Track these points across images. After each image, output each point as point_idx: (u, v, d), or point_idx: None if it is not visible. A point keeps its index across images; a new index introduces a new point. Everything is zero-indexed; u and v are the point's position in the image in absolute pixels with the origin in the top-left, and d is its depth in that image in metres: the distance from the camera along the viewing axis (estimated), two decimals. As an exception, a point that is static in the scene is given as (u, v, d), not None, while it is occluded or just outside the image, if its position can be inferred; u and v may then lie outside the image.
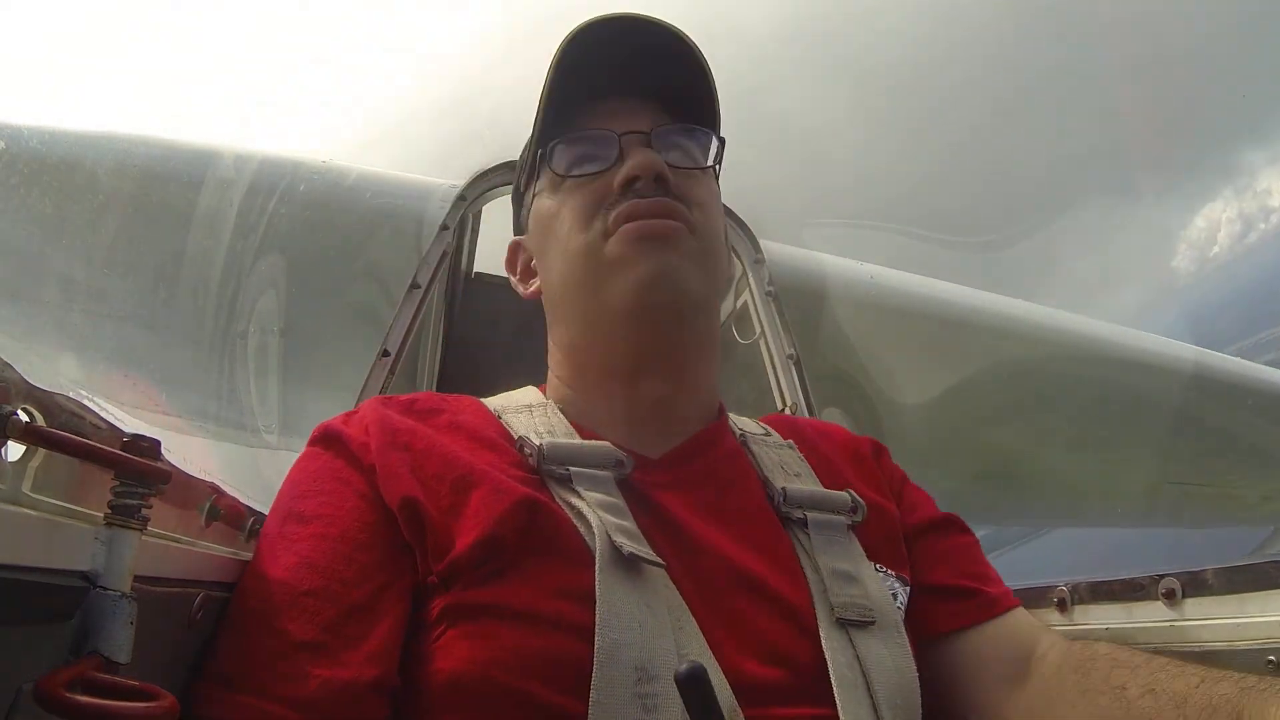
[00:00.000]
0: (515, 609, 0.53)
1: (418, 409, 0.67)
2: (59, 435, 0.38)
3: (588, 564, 0.55)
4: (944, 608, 0.68)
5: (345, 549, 0.56)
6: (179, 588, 0.49)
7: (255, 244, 1.82)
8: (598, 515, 0.57)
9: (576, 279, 0.69)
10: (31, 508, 0.38)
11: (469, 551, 0.54)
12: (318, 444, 0.64)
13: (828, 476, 0.72)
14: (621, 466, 0.63)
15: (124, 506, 0.41)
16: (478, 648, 0.52)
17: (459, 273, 2.14)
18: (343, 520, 0.57)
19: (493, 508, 0.56)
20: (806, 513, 0.65)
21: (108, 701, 0.35)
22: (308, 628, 0.52)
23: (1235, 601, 0.70)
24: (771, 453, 0.73)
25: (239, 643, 0.52)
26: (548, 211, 0.72)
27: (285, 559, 0.55)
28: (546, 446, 0.62)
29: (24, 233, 1.81)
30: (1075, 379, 2.28)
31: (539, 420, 0.69)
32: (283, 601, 0.53)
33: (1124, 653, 0.59)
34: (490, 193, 1.83)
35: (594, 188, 0.68)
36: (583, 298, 0.69)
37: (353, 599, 0.54)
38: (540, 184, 0.74)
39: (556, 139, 0.71)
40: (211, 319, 1.82)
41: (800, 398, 1.50)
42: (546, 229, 0.72)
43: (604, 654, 0.50)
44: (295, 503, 0.59)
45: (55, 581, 0.37)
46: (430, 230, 1.72)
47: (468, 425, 0.66)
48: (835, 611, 0.59)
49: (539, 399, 0.73)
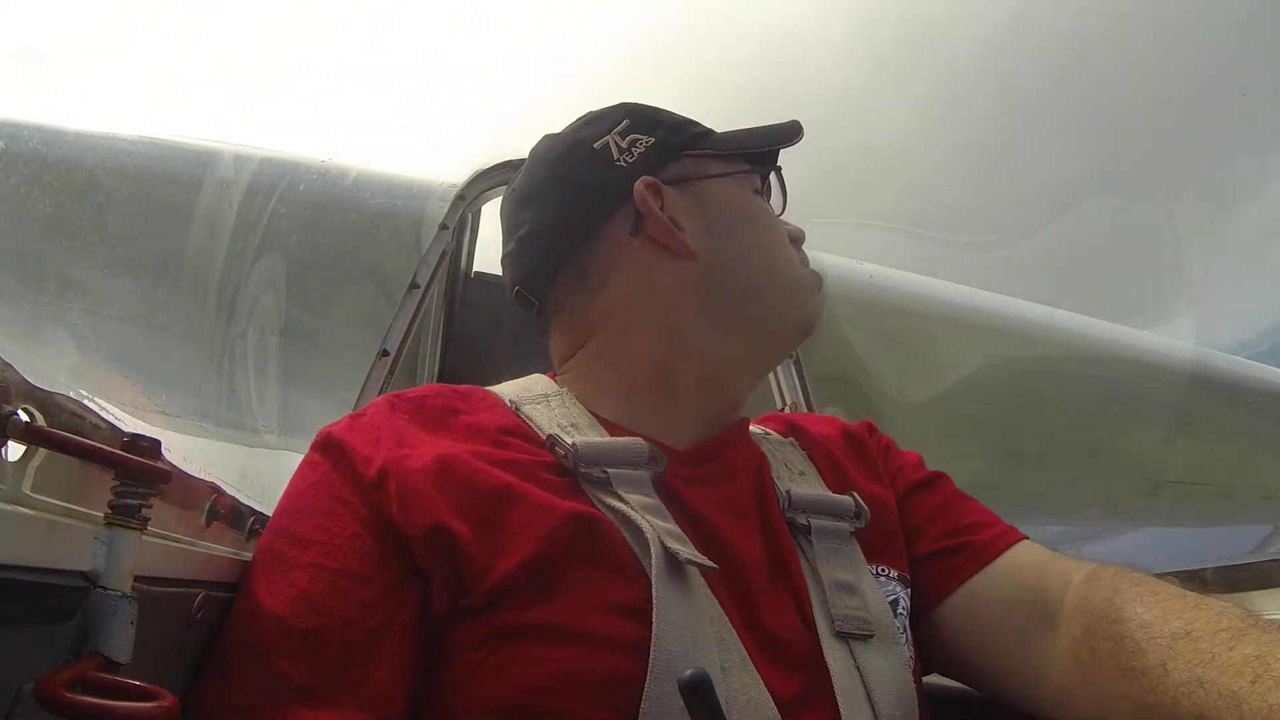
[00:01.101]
0: (567, 628, 0.51)
1: (431, 409, 0.63)
2: (59, 435, 0.38)
3: (635, 574, 0.53)
4: (940, 570, 0.67)
5: (344, 584, 0.52)
6: (179, 588, 0.49)
7: (255, 244, 1.82)
8: (647, 521, 0.55)
9: (783, 277, 0.74)
10: (31, 508, 0.38)
11: (515, 572, 0.52)
12: (319, 452, 0.60)
13: (830, 472, 0.72)
14: (655, 464, 0.61)
15: (124, 506, 0.41)
16: (525, 671, 0.50)
17: (459, 272, 2.14)
18: (342, 551, 0.54)
19: (539, 524, 0.53)
20: (811, 519, 0.65)
21: (108, 701, 0.35)
22: (303, 671, 0.49)
23: (1235, 600, 0.70)
24: (776, 451, 0.72)
25: (231, 676, 0.50)
26: (753, 204, 0.77)
27: (281, 589, 0.52)
28: (582, 446, 0.59)
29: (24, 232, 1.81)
30: (1075, 379, 2.28)
31: (559, 412, 0.66)
32: (277, 640, 0.50)
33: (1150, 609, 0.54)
34: (490, 192, 1.84)
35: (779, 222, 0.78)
36: (781, 295, 0.74)
37: (351, 639, 0.51)
38: (730, 173, 0.77)
39: (757, 165, 0.78)
40: (211, 319, 1.82)
41: (800, 397, 1.51)
42: (750, 214, 0.76)
43: (658, 668, 0.49)
44: (293, 521, 0.56)
45: (55, 581, 0.37)
46: (430, 230, 1.72)
47: (489, 426, 0.62)
48: (835, 624, 0.58)
49: (553, 388, 0.71)
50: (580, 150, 0.74)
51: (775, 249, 0.75)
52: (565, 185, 0.74)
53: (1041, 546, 0.68)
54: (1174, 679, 0.49)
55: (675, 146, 0.75)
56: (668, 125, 0.76)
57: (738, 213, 0.75)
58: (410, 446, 0.58)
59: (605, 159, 0.73)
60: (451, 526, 0.53)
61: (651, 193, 0.72)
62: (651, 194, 0.72)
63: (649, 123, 0.75)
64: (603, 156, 0.73)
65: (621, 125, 0.74)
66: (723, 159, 0.76)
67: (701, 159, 0.76)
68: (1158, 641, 0.52)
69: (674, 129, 0.76)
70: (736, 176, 0.76)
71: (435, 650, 0.53)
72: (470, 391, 0.69)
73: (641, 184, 0.72)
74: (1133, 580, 0.58)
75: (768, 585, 0.59)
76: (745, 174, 0.77)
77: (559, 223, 0.73)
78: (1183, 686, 0.49)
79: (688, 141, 0.76)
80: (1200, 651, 0.49)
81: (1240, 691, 0.46)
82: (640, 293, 0.71)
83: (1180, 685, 0.49)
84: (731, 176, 0.76)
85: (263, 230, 1.82)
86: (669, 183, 0.74)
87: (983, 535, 0.68)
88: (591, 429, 0.65)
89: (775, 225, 0.77)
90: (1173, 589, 0.56)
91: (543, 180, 0.75)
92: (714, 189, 0.75)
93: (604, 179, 0.73)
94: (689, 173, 0.75)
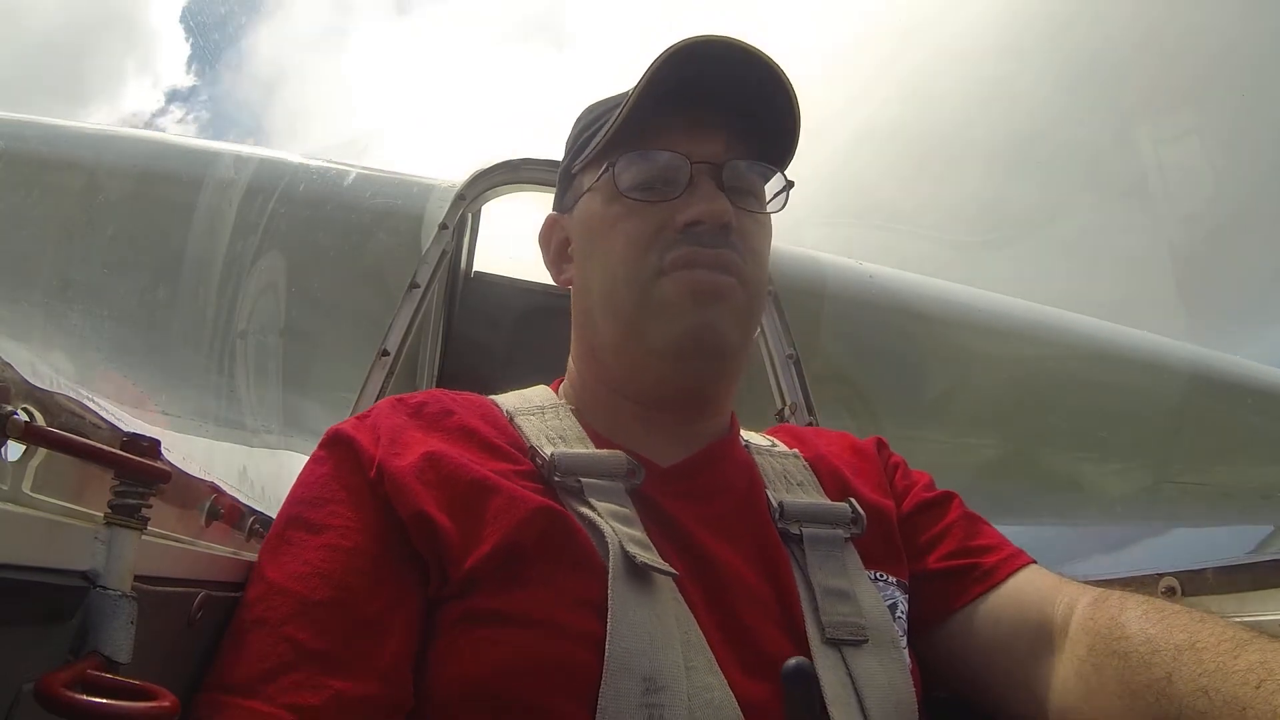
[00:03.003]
0: (529, 616, 0.52)
1: (428, 412, 0.66)
2: (59, 435, 0.38)
3: (600, 573, 0.54)
4: (944, 590, 0.67)
5: (357, 562, 0.55)
6: (179, 587, 0.49)
7: (255, 244, 1.82)
8: (610, 525, 0.57)
9: (618, 304, 0.67)
10: (31, 508, 0.38)
11: (486, 558, 0.54)
12: (327, 448, 0.63)
13: (832, 483, 0.72)
14: (633, 476, 0.62)
15: (124, 506, 0.41)
16: (489, 653, 0.52)
17: (459, 272, 2.14)
18: (354, 532, 0.56)
19: (510, 515, 0.56)
20: (803, 528, 0.65)
21: (108, 701, 0.35)
22: (320, 638, 0.51)
23: (1235, 600, 0.70)
24: (775, 463, 0.72)
25: (246, 650, 0.51)
26: (600, 218, 0.69)
27: (294, 567, 0.54)
28: (558, 457, 0.61)
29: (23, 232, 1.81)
30: (1075, 378, 2.28)
31: (551, 424, 0.68)
32: (293, 610, 0.52)
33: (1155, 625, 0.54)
34: (489, 192, 1.84)
35: (654, 215, 0.65)
36: (620, 325, 0.67)
37: (364, 613, 0.53)
38: (596, 181, 0.69)
39: (627, 151, 0.67)
40: (211, 319, 1.82)
41: (800, 398, 1.50)
42: (595, 233, 0.69)
43: (614, 663, 0.50)
44: (304, 509, 0.58)
45: (55, 581, 0.37)
46: (430, 230, 1.72)
47: (479, 430, 0.65)
48: (826, 631, 0.59)
49: (551, 400, 0.73)
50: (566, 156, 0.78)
51: (611, 265, 0.66)
52: None
53: (1048, 571, 0.68)
54: (1179, 689, 0.50)
55: (569, 168, 0.75)
56: (573, 142, 0.75)
57: (589, 235, 0.71)
58: (404, 444, 0.61)
59: (565, 182, 0.77)
60: (434, 517, 0.55)
61: (552, 229, 0.76)
62: (553, 230, 0.76)
63: (572, 137, 0.75)
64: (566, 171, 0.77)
65: (578, 159, 0.73)
66: (594, 163, 0.70)
67: (582, 174, 0.72)
68: (1162, 654, 0.52)
69: (574, 146, 0.74)
70: (601, 181, 0.68)
71: (426, 632, 0.55)
72: (469, 398, 0.70)
73: (546, 225, 0.76)
74: (1137, 601, 0.58)
75: (749, 594, 0.60)
76: (605, 173, 0.67)
77: None
78: (1188, 696, 0.49)
79: (576, 158, 0.73)
80: (1204, 662, 0.50)
81: (1245, 697, 0.46)
82: (574, 317, 0.75)
83: (1186, 695, 0.49)
84: (595, 187, 0.69)
85: (263, 230, 1.82)
86: (566, 211, 0.75)
87: (989, 559, 0.68)
88: (579, 442, 0.66)
89: (615, 234, 0.67)
90: (1177, 607, 0.56)
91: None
92: (586, 212, 0.71)
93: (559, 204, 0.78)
94: (574, 194, 0.74)
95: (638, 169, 0.67)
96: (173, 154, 1.95)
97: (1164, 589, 0.74)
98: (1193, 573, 0.74)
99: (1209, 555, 0.75)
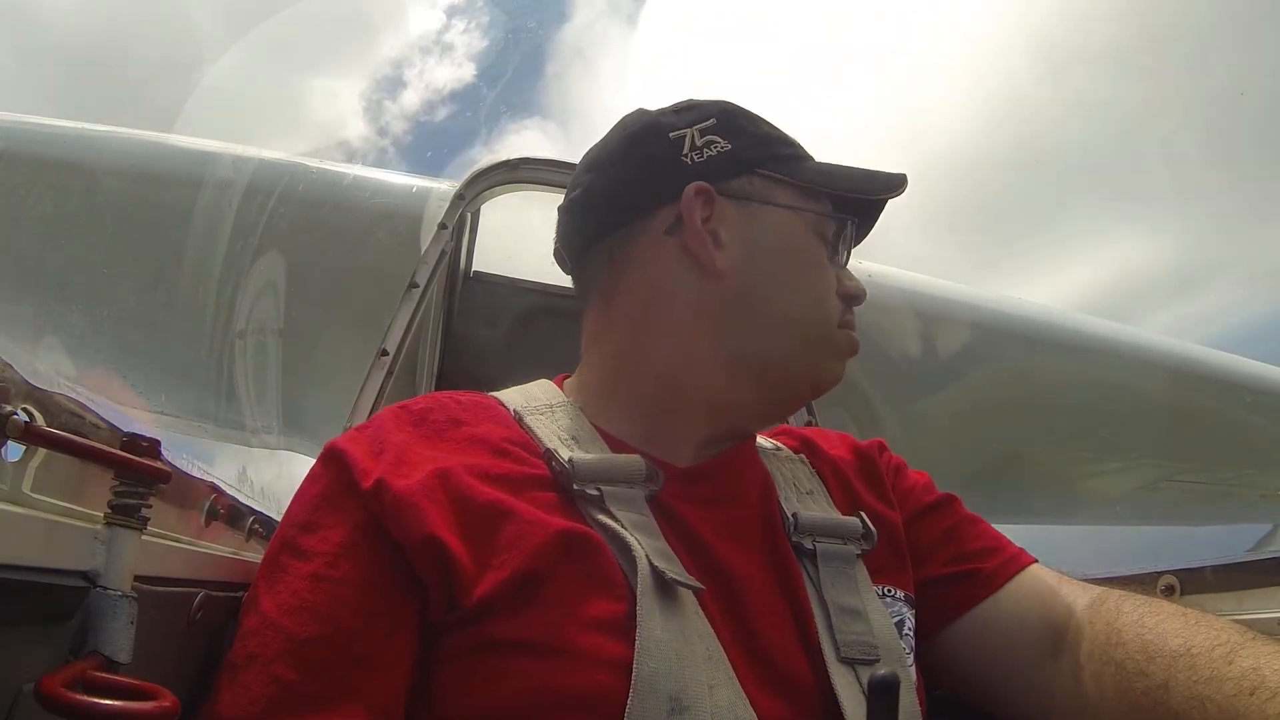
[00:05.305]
0: (548, 645, 0.51)
1: (434, 421, 0.63)
2: (59, 435, 0.38)
3: (622, 591, 0.53)
4: (946, 597, 0.67)
5: (345, 593, 0.53)
6: (179, 587, 0.49)
7: (254, 244, 1.82)
8: (634, 538, 0.55)
9: (808, 330, 0.69)
10: (32, 508, 0.38)
11: (502, 586, 0.52)
12: (322, 464, 0.60)
13: (839, 490, 0.71)
14: (652, 482, 0.61)
15: (124, 506, 0.41)
16: (504, 685, 0.50)
17: (458, 272, 2.14)
18: (343, 561, 0.54)
19: (528, 540, 0.54)
20: (816, 542, 0.64)
21: (109, 701, 0.35)
22: (308, 678, 0.50)
23: (1234, 598, 0.71)
24: (784, 468, 0.72)
25: (239, 687, 0.50)
26: (801, 246, 0.71)
27: (284, 598, 0.53)
28: (577, 463, 0.59)
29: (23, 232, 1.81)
30: (1075, 377, 2.28)
31: (561, 424, 0.66)
32: (282, 648, 0.51)
33: (1151, 630, 0.56)
34: (488, 192, 1.83)
35: (831, 271, 0.72)
36: (802, 347, 0.69)
37: (354, 649, 0.51)
38: (803, 209, 0.71)
39: (847, 211, 0.73)
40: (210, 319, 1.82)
41: (799, 397, 1.50)
42: (790, 253, 0.70)
43: (641, 684, 0.49)
44: (295, 534, 0.57)
45: (55, 581, 0.37)
46: (429, 230, 1.72)
47: (489, 437, 0.62)
48: (841, 650, 0.58)
49: (558, 397, 0.71)
50: (656, 133, 0.72)
51: (812, 298, 0.70)
52: (627, 162, 0.72)
53: (1049, 570, 0.68)
54: (1175, 698, 0.51)
55: (749, 161, 0.71)
56: (753, 137, 0.73)
57: (784, 249, 0.70)
58: (410, 460, 0.58)
59: (674, 151, 0.70)
60: (444, 539, 0.53)
61: (701, 200, 0.69)
62: (701, 201, 0.69)
63: (734, 129, 0.72)
64: (673, 147, 0.71)
65: (706, 123, 0.71)
66: (799, 190, 0.71)
67: (773, 182, 0.71)
68: (1158, 662, 0.53)
69: (758, 142, 0.73)
70: (804, 213, 0.71)
71: (428, 659, 0.54)
72: (474, 401, 0.68)
73: (693, 188, 0.69)
74: (1135, 604, 0.59)
75: (766, 608, 0.59)
76: (816, 214, 0.71)
77: (607, 196, 0.72)
78: (1183, 705, 0.50)
79: (765, 159, 0.72)
80: (1199, 669, 0.51)
81: (1239, 705, 0.48)
82: (655, 297, 0.69)
83: (1181, 704, 0.50)
84: (798, 211, 0.71)
85: (261, 230, 1.82)
86: (729, 196, 0.71)
87: (991, 562, 0.68)
88: (592, 443, 0.64)
89: (823, 276, 0.71)
90: (1173, 608, 0.57)
91: (613, 150, 0.74)
92: (771, 216, 0.71)
93: (663, 169, 0.70)
94: (753, 192, 0.71)
95: (836, 227, 0.73)
96: (172, 154, 1.95)
97: (1163, 587, 0.75)
98: (1191, 571, 0.74)
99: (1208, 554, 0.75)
